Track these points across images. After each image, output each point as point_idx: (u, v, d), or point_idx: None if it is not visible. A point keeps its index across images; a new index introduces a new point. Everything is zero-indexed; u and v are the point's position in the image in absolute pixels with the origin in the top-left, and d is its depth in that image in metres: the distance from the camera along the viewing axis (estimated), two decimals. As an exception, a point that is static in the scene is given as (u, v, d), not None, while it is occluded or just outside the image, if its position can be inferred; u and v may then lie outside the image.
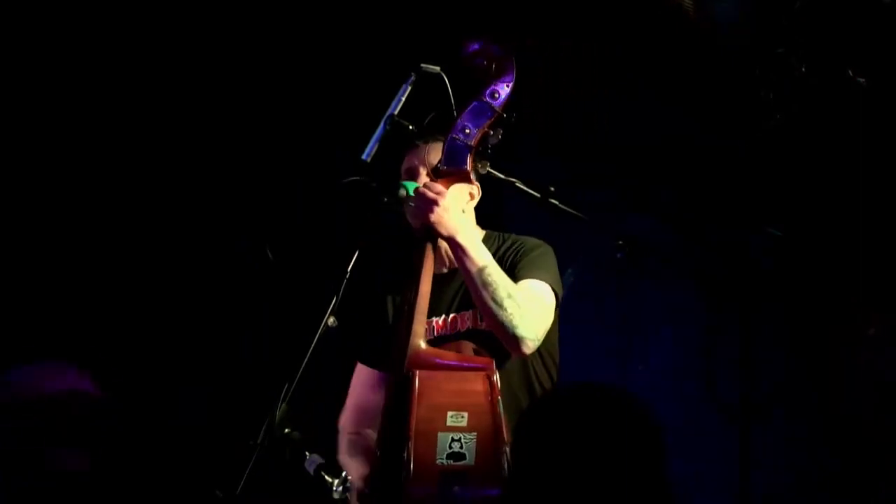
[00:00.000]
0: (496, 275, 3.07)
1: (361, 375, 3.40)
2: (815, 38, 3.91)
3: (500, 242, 3.33)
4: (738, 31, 4.14)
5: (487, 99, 3.07)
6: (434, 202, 3.07)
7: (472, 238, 3.12)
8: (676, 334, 4.45)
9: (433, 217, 3.07)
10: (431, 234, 3.09)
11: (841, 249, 4.10)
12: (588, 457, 1.95)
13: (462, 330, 3.22)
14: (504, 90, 3.07)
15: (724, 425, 4.10)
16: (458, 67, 3.17)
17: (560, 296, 3.23)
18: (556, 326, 3.26)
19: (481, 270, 3.06)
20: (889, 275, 3.93)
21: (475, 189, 3.31)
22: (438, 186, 3.09)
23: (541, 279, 3.18)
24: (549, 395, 3.19)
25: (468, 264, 3.08)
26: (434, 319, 3.24)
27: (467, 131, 3.07)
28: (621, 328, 4.47)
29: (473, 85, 3.11)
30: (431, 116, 3.25)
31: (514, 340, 3.05)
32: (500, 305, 3.03)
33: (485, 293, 3.05)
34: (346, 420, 3.40)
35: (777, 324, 4.18)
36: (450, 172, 3.09)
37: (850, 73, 3.89)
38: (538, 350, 3.18)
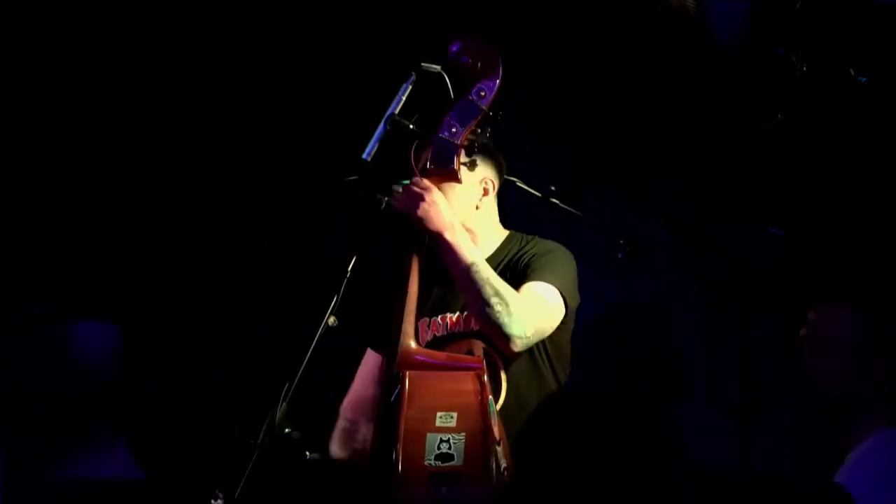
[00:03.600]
0: (484, 272, 3.04)
1: (368, 365, 3.37)
2: (816, 38, 3.91)
3: (523, 244, 3.29)
4: (739, 31, 4.13)
5: (474, 98, 3.06)
6: (420, 197, 3.06)
7: (459, 235, 3.08)
8: (676, 334, 4.44)
9: (419, 212, 3.06)
10: (419, 229, 3.07)
11: (841, 249, 4.09)
12: (593, 461, 1.94)
13: (474, 329, 3.17)
14: (491, 88, 3.06)
15: (724, 425, 4.09)
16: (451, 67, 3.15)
17: (570, 299, 3.18)
18: (569, 329, 3.24)
19: (468, 268, 3.03)
20: (889, 274, 3.93)
21: (489, 183, 3.28)
22: (425, 182, 3.08)
23: (546, 281, 3.14)
24: (557, 400, 3.18)
25: (454, 261, 3.06)
26: (448, 316, 3.22)
27: (454, 130, 3.06)
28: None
29: (461, 84, 3.10)
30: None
31: (503, 338, 3.02)
32: (487, 303, 3.01)
33: (471, 291, 3.03)
34: (345, 406, 3.38)
35: (777, 323, 4.17)
36: (437, 172, 3.08)
37: (852, 72, 3.88)
38: (547, 354, 3.17)
